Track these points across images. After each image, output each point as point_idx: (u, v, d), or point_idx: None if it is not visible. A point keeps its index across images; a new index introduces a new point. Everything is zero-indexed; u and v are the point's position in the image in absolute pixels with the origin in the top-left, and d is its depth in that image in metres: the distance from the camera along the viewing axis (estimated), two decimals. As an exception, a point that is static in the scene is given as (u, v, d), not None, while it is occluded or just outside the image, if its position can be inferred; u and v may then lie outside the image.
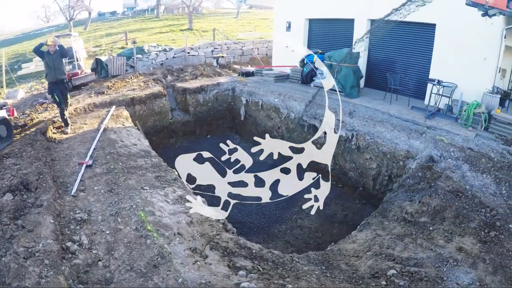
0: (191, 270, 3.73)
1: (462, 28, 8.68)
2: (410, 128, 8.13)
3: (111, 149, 7.31)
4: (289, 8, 14.38)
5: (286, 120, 11.34)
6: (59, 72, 8.43)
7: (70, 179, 5.97)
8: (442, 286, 3.94)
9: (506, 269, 4.25)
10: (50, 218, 4.47)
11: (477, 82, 8.56)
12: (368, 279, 4.19)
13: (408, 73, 10.84)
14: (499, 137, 7.41)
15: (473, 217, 5.29)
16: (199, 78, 14.03)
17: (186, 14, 31.46)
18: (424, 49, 10.25)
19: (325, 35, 13.66)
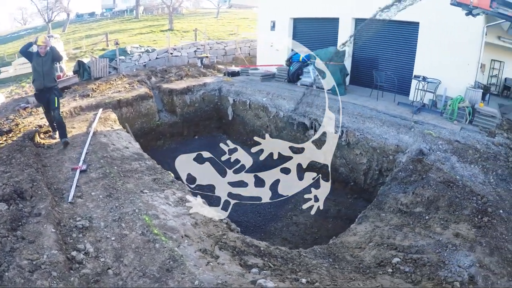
0: (205, 271, 3.72)
1: (445, 26, 9.00)
2: (398, 123, 8.37)
3: (104, 152, 7.19)
4: (274, 8, 14.49)
5: (275, 119, 11.44)
6: (48, 78, 7.29)
7: (65, 186, 5.80)
8: (445, 269, 4.10)
9: (501, 250, 4.50)
10: (51, 227, 4.30)
11: (459, 77, 8.90)
12: (374, 268, 4.33)
13: (393, 70, 11.13)
14: (483, 129, 7.74)
15: (465, 205, 5.52)
16: (184, 79, 13.97)
17: (165, 14, 31.16)
18: (408, 46, 10.56)
19: (310, 34, 13.83)
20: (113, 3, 40.36)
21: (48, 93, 7.37)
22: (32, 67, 7.34)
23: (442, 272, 4.09)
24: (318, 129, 10.03)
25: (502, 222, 5.03)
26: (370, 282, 3.95)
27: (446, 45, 9.14)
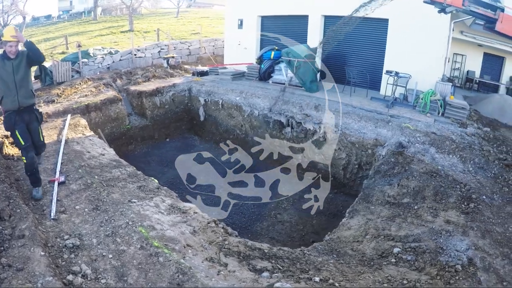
0: (218, 281, 3.58)
1: (414, 23, 9.37)
2: (376, 117, 8.61)
3: (80, 161, 6.77)
4: (241, 6, 14.40)
5: (249, 118, 11.38)
6: (24, 92, 5.06)
7: (43, 201, 5.33)
8: (445, 254, 4.27)
9: (491, 233, 4.75)
10: (39, 250, 3.86)
11: (429, 72, 9.31)
12: (378, 260, 4.41)
13: (363, 66, 11.42)
14: (455, 121, 8.14)
15: (450, 193, 5.77)
16: (152, 80, 13.58)
17: (124, 15, 30.15)
18: (378, 43, 10.89)
19: (279, 32, 13.86)
20: (70, 4, 38.43)
21: (27, 115, 5.19)
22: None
23: (443, 257, 4.24)
24: (294, 126, 10.12)
25: (487, 207, 5.31)
26: (378, 273, 4.02)
27: (415, 40, 9.52)
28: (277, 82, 12.47)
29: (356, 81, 10.89)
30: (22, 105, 5.10)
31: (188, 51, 19.02)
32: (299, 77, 11.27)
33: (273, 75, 12.69)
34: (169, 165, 10.68)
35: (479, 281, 3.79)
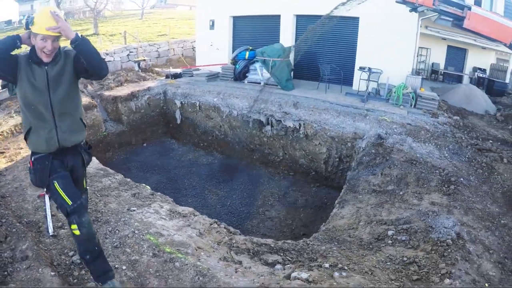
0: (238, 278, 3.69)
1: (383, 20, 9.89)
2: (353, 112, 9.03)
3: None
4: (212, 6, 14.45)
5: (228, 118, 11.53)
6: (69, 122, 3.11)
7: (37, 217, 5.00)
8: (435, 232, 4.68)
9: (473, 210, 5.24)
10: (48, 270, 3.68)
11: (399, 66, 9.88)
12: (375, 243, 4.74)
13: (336, 63, 11.85)
14: (427, 111, 8.72)
15: (431, 178, 6.23)
16: (124, 85, 13.40)
17: (87, 18, 29.35)
18: (349, 40, 11.37)
19: (251, 32, 14.07)
20: (31, 9, 36.63)
21: (71, 158, 3.26)
22: (23, 99, 2.96)
23: (433, 234, 4.64)
24: (274, 124, 10.40)
25: (466, 187, 5.81)
26: (379, 254, 4.35)
27: (386, 37, 10.06)
28: (253, 81, 12.70)
29: (330, 78, 11.31)
30: (64, 145, 3.08)
31: (157, 53, 18.87)
32: (275, 76, 11.55)
33: (248, 75, 12.89)
34: (150, 170, 10.63)
35: (469, 252, 4.21)
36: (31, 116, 2.97)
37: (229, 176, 10.14)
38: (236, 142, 11.36)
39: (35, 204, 5.31)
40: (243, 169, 10.61)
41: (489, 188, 5.85)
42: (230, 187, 9.68)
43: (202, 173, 10.35)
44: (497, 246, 4.48)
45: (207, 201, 9.03)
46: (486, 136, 7.96)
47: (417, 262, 4.08)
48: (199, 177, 10.14)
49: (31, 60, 2.88)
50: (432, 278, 3.78)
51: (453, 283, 3.68)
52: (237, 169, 10.60)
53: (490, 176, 6.20)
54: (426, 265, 4.01)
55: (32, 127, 3.01)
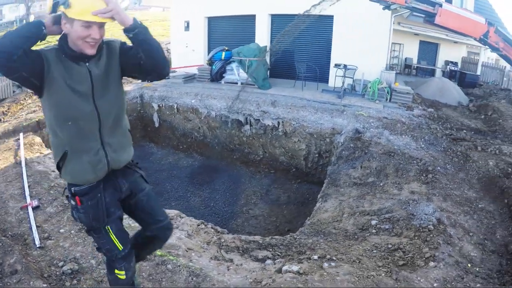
0: (231, 275, 3.72)
1: (357, 18, 10.11)
2: (330, 108, 9.18)
3: (49, 182, 6.31)
4: (187, 7, 14.34)
5: (207, 119, 11.47)
6: (119, 136, 2.37)
7: (21, 229, 4.82)
8: (417, 219, 4.82)
9: (451, 196, 5.44)
10: (40, 282, 3.58)
11: (374, 62, 10.13)
12: (360, 233, 4.84)
13: (311, 61, 12.02)
14: (402, 105, 8.97)
15: (409, 168, 6.41)
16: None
17: None
18: (324, 38, 11.55)
19: (226, 33, 14.07)
20: (0, 13, 35.25)
21: (124, 181, 2.43)
22: (55, 111, 2.07)
23: (415, 221, 4.78)
24: (253, 123, 10.43)
25: (443, 176, 6.02)
26: (365, 243, 4.44)
27: (360, 34, 10.28)
28: (230, 82, 12.70)
29: (306, 75, 11.45)
30: (115, 167, 2.34)
31: (131, 57, 18.56)
32: (251, 76, 11.60)
33: (225, 75, 12.88)
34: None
35: (450, 235, 4.36)
36: (67, 135, 2.11)
37: (211, 177, 10.10)
38: (215, 143, 11.33)
39: (19, 217, 5.13)
40: (224, 170, 10.58)
41: (465, 175, 6.07)
42: (212, 188, 9.64)
43: (184, 176, 10.26)
44: (476, 228, 4.66)
45: (191, 203, 8.96)
46: (460, 126, 8.26)
47: (401, 248, 4.20)
48: (180, 180, 10.05)
49: (65, 55, 2.04)
50: (417, 262, 3.90)
51: (437, 265, 3.80)
52: (218, 170, 10.56)
53: (465, 164, 6.44)
54: (411, 251, 4.13)
55: (68, 151, 2.14)
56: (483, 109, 9.88)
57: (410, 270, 3.76)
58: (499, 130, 8.25)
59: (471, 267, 3.93)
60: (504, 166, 6.09)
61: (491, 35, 5.94)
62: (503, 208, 5.16)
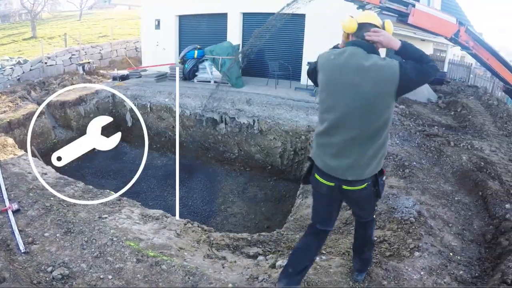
0: (227, 273, 3.73)
1: (329, 16, 10.25)
2: (305, 106, 9.32)
3: (27, 184, 6.06)
4: (157, 6, 14.15)
5: (181, 118, 11.36)
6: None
7: (3, 234, 4.61)
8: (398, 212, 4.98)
9: (428, 190, 5.64)
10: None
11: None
12: (344, 227, 4.93)
13: (284, 59, 12.15)
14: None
15: (386, 164, 6.57)
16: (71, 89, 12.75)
17: (24, 21, 27.29)
18: (296, 36, 11.68)
19: (198, 31, 13.99)
20: None
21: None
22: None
23: (397, 214, 4.94)
24: (228, 122, 10.40)
25: (419, 170, 6.24)
26: (351, 237, 4.53)
27: (332, 33, 10.31)
28: (203, 80, 12.64)
29: (279, 73, 11.55)
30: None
31: (100, 55, 18.04)
32: (225, 74, 11.58)
33: (197, 74, 12.81)
34: (105, 176, 10.22)
35: (431, 227, 4.55)
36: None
37: (186, 176, 9.99)
38: (190, 141, 11.22)
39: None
40: (200, 168, 10.51)
41: (440, 170, 6.32)
42: (189, 187, 9.56)
43: (159, 175, 10.11)
44: (454, 220, 4.88)
45: (168, 203, 8.84)
46: (431, 122, 8.60)
47: (387, 240, 4.34)
48: (156, 180, 9.90)
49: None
50: (402, 252, 4.04)
51: (422, 255, 3.97)
52: (193, 169, 10.47)
53: (439, 158, 6.70)
54: (396, 242, 4.27)
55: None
56: (453, 106, 10.32)
57: (397, 260, 3.89)
58: (469, 126, 8.67)
59: (453, 255, 4.12)
60: (477, 160, 6.40)
61: (462, 34, 6.21)
62: (477, 200, 5.43)
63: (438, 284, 3.63)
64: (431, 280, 3.67)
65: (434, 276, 3.72)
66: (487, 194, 5.40)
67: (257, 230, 7.15)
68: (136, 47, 19.86)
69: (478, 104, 10.51)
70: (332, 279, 3.52)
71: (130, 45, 19.80)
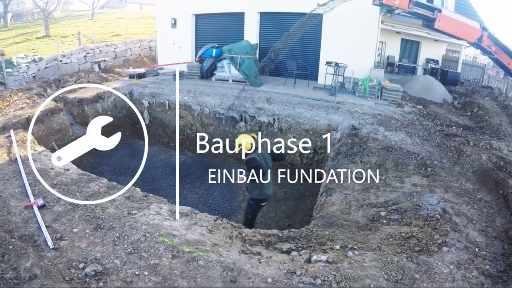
0: (265, 268, 3.83)
1: (346, 17, 10.43)
2: (325, 105, 9.49)
3: (50, 179, 6.15)
4: (174, 4, 14.33)
5: (200, 116, 11.55)
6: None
7: (29, 230, 4.56)
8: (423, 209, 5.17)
9: (452, 188, 5.84)
10: (66, 286, 3.47)
11: (363, 60, 10.52)
12: (371, 224, 5.14)
13: (301, 59, 12.27)
14: (392, 102, 9.39)
15: (408, 163, 6.79)
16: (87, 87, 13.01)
17: (37, 20, 27.69)
18: (314, 36, 11.83)
19: (214, 30, 14.13)
20: None
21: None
22: None
23: (422, 211, 5.13)
24: (248, 120, 10.61)
25: (441, 169, 6.43)
26: (379, 233, 4.75)
27: (349, 33, 10.63)
28: (221, 79, 12.81)
29: (297, 73, 11.72)
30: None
31: (115, 54, 18.33)
32: (243, 73, 11.77)
33: (215, 72, 12.98)
34: (123, 173, 10.42)
35: (456, 223, 4.75)
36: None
37: (205, 174, 10.19)
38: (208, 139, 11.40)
39: (24, 216, 4.90)
40: (218, 166, 10.69)
41: (461, 169, 6.52)
42: (209, 185, 9.71)
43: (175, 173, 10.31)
44: (477, 217, 5.08)
45: (188, 201, 9.02)
46: (449, 122, 8.78)
47: (415, 236, 4.54)
48: (175, 177, 10.06)
49: None
50: (431, 248, 4.24)
51: (450, 250, 4.17)
52: (212, 167, 10.65)
53: (459, 158, 6.89)
54: (423, 238, 4.47)
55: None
56: (469, 106, 10.48)
57: (427, 255, 4.09)
58: (486, 126, 8.84)
59: (478, 251, 4.32)
60: (496, 160, 6.58)
61: (485, 39, 6.38)
62: (499, 199, 5.62)
63: (466, 278, 3.84)
64: (460, 274, 3.87)
65: (463, 270, 3.92)
66: (508, 193, 5.58)
67: (279, 228, 7.35)
68: (150, 46, 20.12)
69: (494, 105, 10.64)
70: (367, 272, 3.72)
71: (144, 44, 20.07)
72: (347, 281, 3.56)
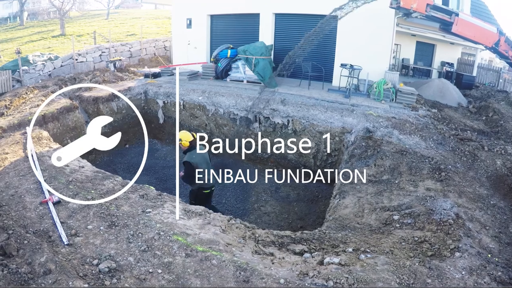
0: (278, 269, 3.89)
1: (361, 19, 10.40)
2: (340, 108, 9.50)
3: (66, 176, 6.23)
4: (189, 5, 14.46)
5: (214, 117, 11.67)
6: None
7: (44, 225, 4.63)
8: (436, 214, 5.19)
9: (465, 193, 5.83)
10: (80, 282, 3.51)
11: (378, 63, 10.49)
12: (384, 227, 5.18)
13: (316, 60, 12.28)
14: (407, 105, 9.36)
15: (422, 167, 6.79)
16: (102, 85, 13.26)
17: (53, 19, 28.28)
18: (329, 38, 11.82)
19: (229, 31, 14.23)
20: None
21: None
22: None
23: (435, 216, 5.14)
24: (262, 121, 10.68)
25: (455, 174, 6.41)
26: (392, 237, 4.79)
27: (364, 35, 10.61)
28: (235, 80, 12.91)
29: (312, 74, 11.75)
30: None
31: (130, 53, 18.59)
32: (258, 74, 11.84)
33: (230, 73, 13.09)
34: (136, 172, 10.58)
35: (469, 229, 4.75)
36: None
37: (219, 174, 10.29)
38: (222, 140, 11.51)
39: (39, 212, 5.00)
40: (232, 167, 10.78)
41: (475, 174, 6.49)
42: (222, 185, 9.80)
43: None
44: (491, 223, 5.06)
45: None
46: (463, 127, 8.72)
47: (427, 240, 4.56)
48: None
49: None
50: (443, 253, 4.26)
51: (462, 255, 4.18)
52: (225, 167, 10.76)
53: (474, 163, 6.85)
54: (436, 243, 4.49)
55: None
56: (484, 111, 10.37)
57: (439, 260, 4.12)
58: (501, 131, 8.75)
59: (491, 257, 4.31)
60: (511, 165, 6.53)
61: (502, 44, 6.34)
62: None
63: (478, 284, 3.85)
64: (472, 280, 3.88)
65: (475, 276, 3.93)
66: (523, 199, 5.57)
67: (291, 230, 7.41)
68: (165, 46, 20.35)
69: (510, 110, 10.49)
70: (379, 276, 3.76)
71: (159, 44, 20.31)
72: (359, 284, 3.60)
